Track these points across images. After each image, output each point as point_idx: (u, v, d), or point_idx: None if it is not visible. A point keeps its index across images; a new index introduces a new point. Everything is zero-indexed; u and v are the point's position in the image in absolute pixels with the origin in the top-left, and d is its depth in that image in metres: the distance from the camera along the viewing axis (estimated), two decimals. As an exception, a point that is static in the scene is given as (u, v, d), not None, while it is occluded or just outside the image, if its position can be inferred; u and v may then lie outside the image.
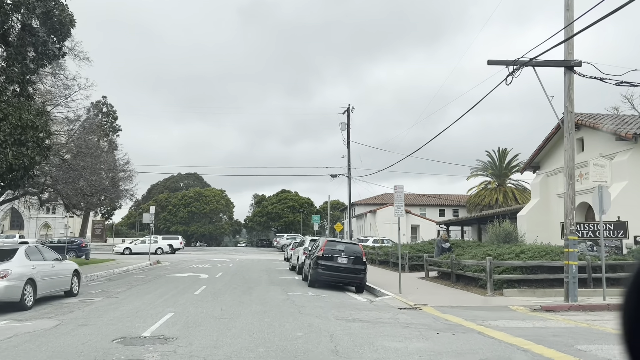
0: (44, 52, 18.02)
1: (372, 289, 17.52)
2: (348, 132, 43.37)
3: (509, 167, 65.35)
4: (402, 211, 15.89)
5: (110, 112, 63.82)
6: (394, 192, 15.80)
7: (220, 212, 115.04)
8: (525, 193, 61.04)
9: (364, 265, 17.22)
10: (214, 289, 15.75)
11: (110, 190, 25.77)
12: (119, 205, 65.39)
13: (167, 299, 13.11)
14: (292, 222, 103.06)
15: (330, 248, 17.21)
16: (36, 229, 58.01)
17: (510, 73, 14.07)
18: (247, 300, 13.06)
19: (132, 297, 13.84)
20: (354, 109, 43.75)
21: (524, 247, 17.47)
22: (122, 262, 30.96)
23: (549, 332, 9.21)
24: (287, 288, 16.83)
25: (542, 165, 27.72)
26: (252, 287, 16.82)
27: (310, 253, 19.26)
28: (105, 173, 24.95)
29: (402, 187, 15.84)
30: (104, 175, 25.11)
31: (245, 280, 19.54)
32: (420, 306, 12.94)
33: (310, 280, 17.47)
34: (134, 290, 15.78)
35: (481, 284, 16.41)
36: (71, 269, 14.34)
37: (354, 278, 16.94)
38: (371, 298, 15.53)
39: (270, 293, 15.05)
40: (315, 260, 17.14)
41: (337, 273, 16.84)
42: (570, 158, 14.20)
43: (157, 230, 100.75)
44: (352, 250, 17.39)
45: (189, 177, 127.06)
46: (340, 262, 16.95)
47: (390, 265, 27.32)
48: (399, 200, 15.71)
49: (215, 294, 14.51)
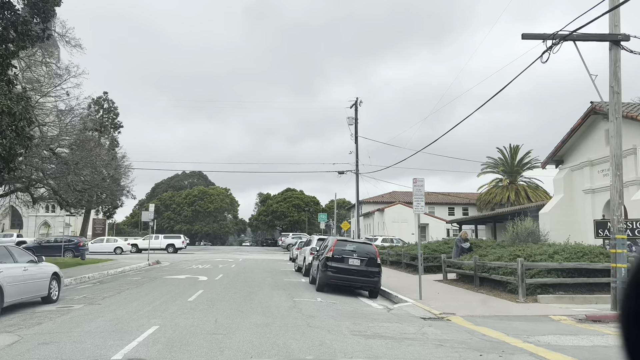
0: (26, 33, 16.39)
1: (387, 293, 15.79)
2: (356, 127, 41.60)
3: (521, 164, 63.40)
4: (422, 207, 14.14)
5: (112, 109, 62.34)
6: (413, 186, 14.04)
7: (224, 211, 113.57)
8: (538, 191, 59.11)
9: (379, 268, 15.48)
10: (211, 294, 14.06)
11: (104, 186, 24.11)
12: (121, 204, 64.03)
13: (155, 307, 11.42)
14: (297, 221, 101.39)
15: (340, 248, 15.48)
16: (35, 228, 56.58)
17: (548, 49, 12.29)
18: (247, 309, 11.35)
19: (117, 304, 12.17)
20: (362, 102, 41.96)
21: (557, 247, 15.66)
22: (119, 263, 29.36)
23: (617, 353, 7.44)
24: (293, 292, 15.12)
25: (566, 159, 25.86)
26: (254, 291, 15.11)
27: (318, 253, 17.55)
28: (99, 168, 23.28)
29: (422, 180, 14.08)
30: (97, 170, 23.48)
31: (247, 283, 17.85)
32: (447, 316, 11.20)
33: (318, 283, 15.74)
34: (122, 295, 14.12)
35: (510, 288, 14.64)
36: (49, 272, 12.68)
37: (368, 282, 15.20)
38: (388, 305, 13.79)
39: (274, 299, 13.33)
40: (324, 262, 15.41)
41: (348, 276, 15.11)
42: (617, 145, 12.40)
43: (161, 229, 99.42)
44: (365, 251, 15.64)
45: (193, 176, 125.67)
46: (351, 264, 15.22)
47: (403, 267, 25.56)
48: (418, 194, 13.94)
49: (212, 300, 12.81)
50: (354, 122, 41.76)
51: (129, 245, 49.12)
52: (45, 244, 37.59)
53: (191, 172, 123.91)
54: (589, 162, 23.58)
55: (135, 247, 48.64)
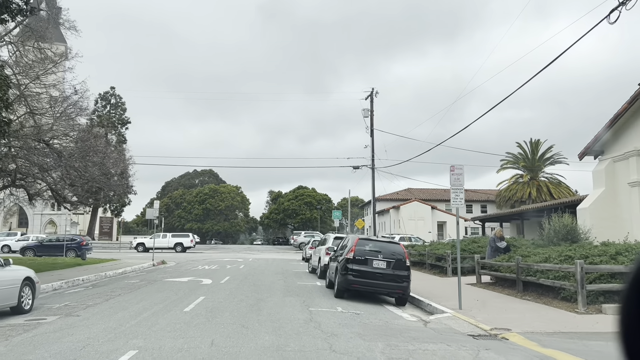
0: (5, 5, 14.50)
1: (416, 300, 13.62)
2: (371, 119, 39.37)
3: (542, 159, 60.78)
4: (460, 200, 11.93)
5: (119, 104, 60.78)
6: (451, 175, 11.82)
7: (235, 209, 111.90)
8: (560, 187, 56.38)
9: (408, 271, 13.30)
10: (213, 302, 12.00)
11: (102, 181, 22.21)
12: (128, 202, 62.52)
13: (142, 321, 9.37)
14: (309, 219, 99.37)
15: (363, 248, 13.32)
16: (41, 227, 55.21)
17: (621, 3, 10.03)
18: (253, 323, 9.25)
19: (98, 315, 10.15)
20: (377, 93, 39.72)
21: (618, 246, 13.37)
22: (121, 263, 27.52)
23: None
24: (309, 300, 13.00)
25: (607, 149, 23.38)
26: (262, 298, 13.01)
27: (336, 254, 15.42)
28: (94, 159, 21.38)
29: (461, 167, 11.87)
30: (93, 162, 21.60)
31: (256, 287, 15.76)
32: (502, 332, 9.00)
33: (337, 289, 13.60)
34: (109, 303, 12.11)
35: (565, 295, 12.39)
36: (19, 278, 10.69)
37: (395, 287, 13.03)
38: (421, 315, 11.62)
39: (286, 309, 11.22)
40: (344, 264, 13.28)
41: (372, 281, 12.95)
42: None
43: (172, 227, 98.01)
44: (392, 251, 13.46)
45: (204, 174, 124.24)
46: (376, 267, 13.06)
47: (427, 268, 23.33)
48: (457, 185, 11.74)
49: (213, 310, 10.73)
50: (370, 114, 39.55)
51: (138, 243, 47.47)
52: (47, 243, 35.98)
53: (202, 170, 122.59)
54: (636, 152, 21.14)
55: (142, 246, 46.98)
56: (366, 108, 39.61)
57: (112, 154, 23.25)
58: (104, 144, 22.98)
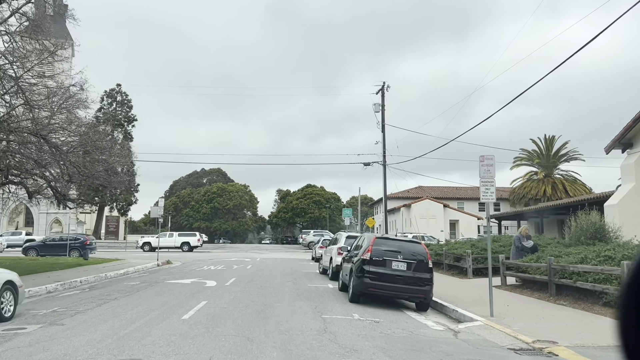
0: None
1: (439, 305, 12.37)
2: (383, 114, 38.08)
3: (557, 156, 59.18)
4: (491, 194, 10.65)
5: (125, 101, 59.90)
6: (480, 166, 10.53)
7: (244, 208, 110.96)
8: (576, 185, 54.69)
9: (430, 273, 12.05)
10: (215, 308, 10.82)
11: (102, 177, 21.15)
12: (134, 200, 61.71)
13: (132, 332, 8.21)
14: (317, 218, 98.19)
15: (380, 248, 12.08)
16: (46, 226, 54.44)
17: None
18: (259, 335, 8.06)
19: (85, 324, 9.01)
20: (389, 87, 38.37)
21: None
22: (124, 263, 26.50)
23: None
24: (321, 305, 11.79)
25: (636, 142, 21.95)
26: (270, 303, 11.81)
27: (350, 254, 14.20)
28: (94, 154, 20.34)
29: (491, 157, 10.58)
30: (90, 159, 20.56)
31: (263, 290, 14.57)
32: (547, 346, 7.73)
33: (352, 293, 12.37)
34: (101, 309, 10.98)
35: (608, 300, 11.08)
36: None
37: (417, 291, 11.77)
38: (448, 323, 10.37)
39: (296, 316, 10.01)
40: (360, 266, 12.05)
41: (391, 284, 11.71)
42: None
43: (180, 226, 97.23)
44: (412, 252, 12.19)
45: (212, 173, 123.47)
46: (396, 269, 11.81)
47: (445, 268, 22.02)
48: (487, 177, 10.45)
49: (214, 318, 9.55)
50: (381, 109, 38.26)
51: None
52: (50, 243, 35.06)
53: (210, 169, 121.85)
54: (669, 144, 19.73)
55: (148, 246, 45.97)
56: (377, 103, 38.32)
57: (113, 149, 22.13)
58: (104, 138, 21.89)
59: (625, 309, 1.08)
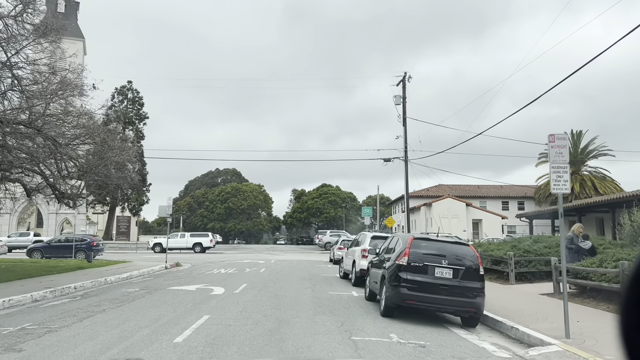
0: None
1: (489, 319, 10.15)
2: (404, 107, 35.80)
3: (585, 152, 56.25)
4: (565, 182, 8.38)
5: (136, 99, 58.42)
6: (550, 147, 8.28)
7: (258, 208, 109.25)
8: (605, 182, 51.74)
9: (481, 282, 9.83)
10: (218, 327, 8.74)
11: (102, 172, 19.31)
12: (146, 200, 60.21)
13: (103, 364, 6.17)
14: (333, 218, 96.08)
15: (420, 251, 9.90)
16: (56, 227, 53.13)
17: None
18: (272, 370, 5.96)
19: (48, 350, 7.01)
20: (410, 78, 36.09)
21: None
22: (130, 266, 24.70)
23: None
24: (348, 321, 9.65)
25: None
26: (286, 319, 9.70)
27: (379, 258, 12.05)
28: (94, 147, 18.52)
29: (564, 136, 8.34)
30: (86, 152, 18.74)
31: (278, 300, 12.47)
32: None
33: (385, 305, 10.19)
34: (82, 325, 8.99)
35: None
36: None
37: (466, 304, 9.56)
38: (512, 347, 8.15)
39: (319, 339, 7.88)
40: (395, 273, 9.88)
41: (434, 295, 9.52)
42: None
43: (194, 227, 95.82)
44: (459, 255, 9.98)
45: (227, 173, 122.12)
46: (439, 276, 9.62)
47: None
48: (560, 161, 8.21)
49: (214, 342, 7.47)
50: (402, 101, 35.96)
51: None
52: (55, 244, 33.46)
53: (225, 169, 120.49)
54: None
55: (159, 247, 44.26)
56: (398, 95, 36.05)
57: (115, 142, 20.27)
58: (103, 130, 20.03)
59: (626, 310, 1.05)
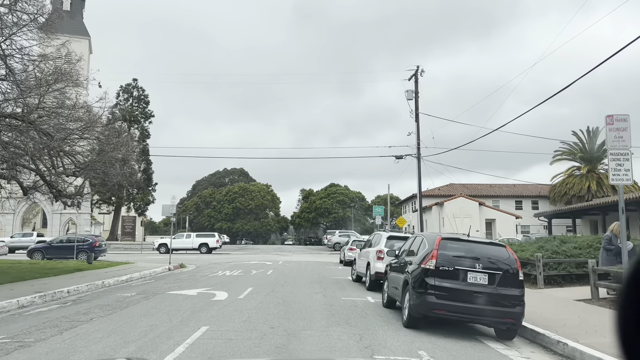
0: None
1: (528, 330, 8.84)
2: (416, 102, 34.48)
3: (602, 150, 54.59)
4: (626, 171, 7.06)
5: (142, 97, 57.53)
6: (608, 130, 6.89)
7: (266, 208, 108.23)
8: (623, 180, 50.27)
9: (521, 289, 8.53)
10: (217, 341, 7.53)
11: (100, 169, 18.21)
12: (152, 200, 59.29)
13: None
14: (342, 218, 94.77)
15: (449, 254, 8.62)
16: (60, 227, 52.29)
17: None
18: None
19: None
20: (423, 72, 34.75)
21: None
22: (132, 268, 23.61)
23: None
24: (367, 333, 8.39)
25: None
26: (295, 331, 8.46)
27: (399, 261, 10.79)
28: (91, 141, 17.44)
29: (624, 117, 7.04)
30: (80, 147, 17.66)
31: (286, 307, 11.24)
32: None
33: (409, 315, 8.91)
34: (59, 339, 7.83)
35: None
36: None
37: (503, 314, 8.26)
38: (564, 368, 6.87)
39: (336, 358, 6.64)
40: (420, 278, 8.61)
41: (467, 305, 8.23)
42: None
43: (202, 227, 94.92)
44: (493, 258, 8.68)
45: (234, 173, 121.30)
46: (473, 282, 8.34)
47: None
48: (620, 146, 6.88)
49: (211, 362, 6.25)
50: (414, 96, 34.64)
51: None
52: (57, 244, 32.46)
53: (232, 168, 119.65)
54: None
55: (165, 247, 43.20)
56: (410, 89, 34.74)
57: (113, 137, 19.16)
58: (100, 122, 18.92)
59: (624, 309, 1.05)
